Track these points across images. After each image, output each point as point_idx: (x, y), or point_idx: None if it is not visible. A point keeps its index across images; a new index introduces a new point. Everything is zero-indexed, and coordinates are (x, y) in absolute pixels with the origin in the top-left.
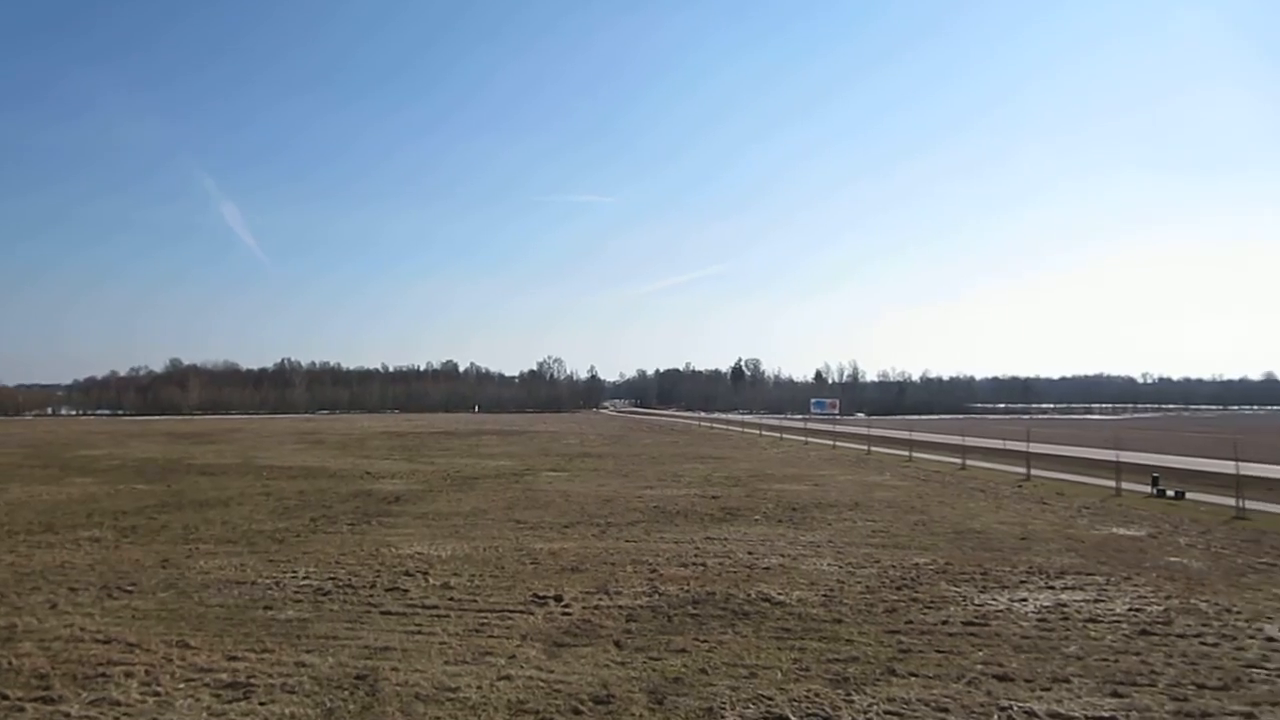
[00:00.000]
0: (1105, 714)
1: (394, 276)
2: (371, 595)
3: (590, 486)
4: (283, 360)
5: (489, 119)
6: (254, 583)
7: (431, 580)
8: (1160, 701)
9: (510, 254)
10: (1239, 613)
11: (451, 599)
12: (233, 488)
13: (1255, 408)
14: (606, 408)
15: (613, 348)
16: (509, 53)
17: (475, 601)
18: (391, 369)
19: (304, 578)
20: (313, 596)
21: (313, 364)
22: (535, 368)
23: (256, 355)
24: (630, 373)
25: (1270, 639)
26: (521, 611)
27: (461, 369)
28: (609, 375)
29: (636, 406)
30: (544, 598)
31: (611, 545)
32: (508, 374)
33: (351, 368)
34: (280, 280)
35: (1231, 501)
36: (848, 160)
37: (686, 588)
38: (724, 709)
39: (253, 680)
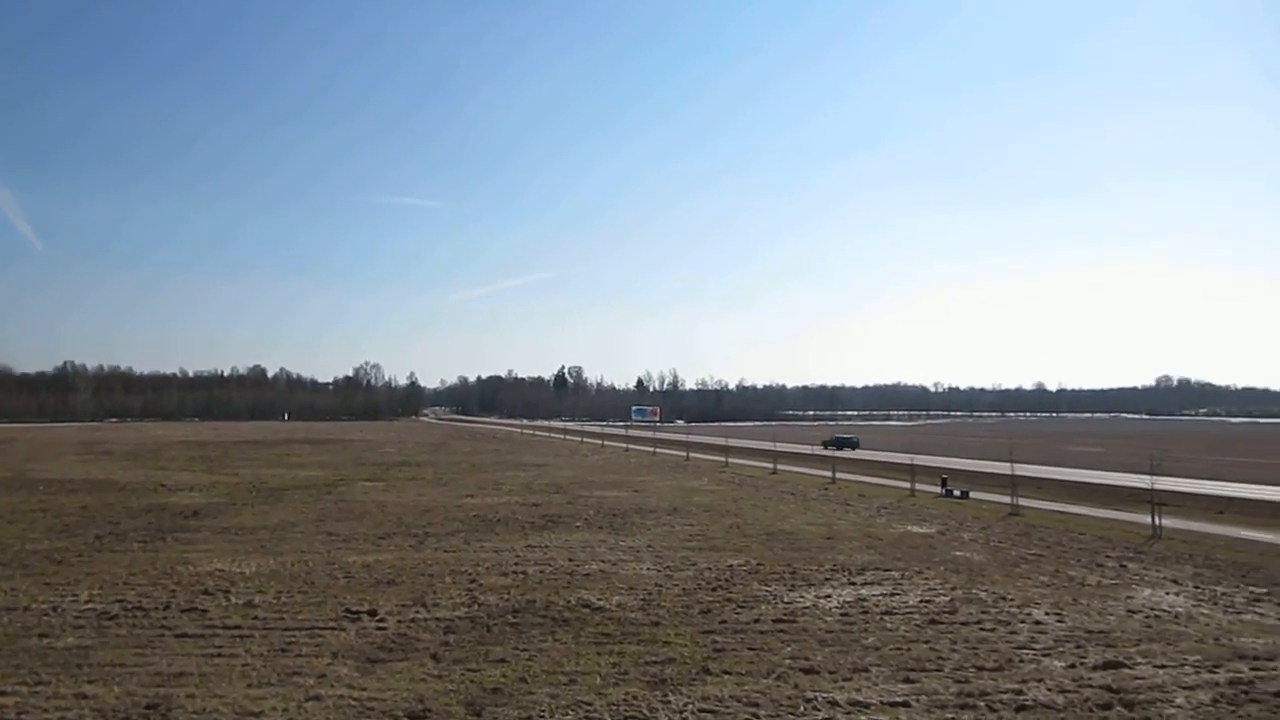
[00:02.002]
0: (899, 699)
1: (196, 276)
2: (165, 617)
3: (408, 496)
4: (65, 364)
5: (296, 110)
6: (26, 608)
7: (233, 599)
8: (946, 684)
9: (325, 255)
10: (1012, 600)
11: (255, 618)
12: (1, 504)
13: (1027, 414)
14: (427, 415)
15: (434, 354)
16: (308, 41)
17: (282, 619)
18: (192, 374)
19: (86, 601)
20: (96, 621)
21: (100, 368)
22: (351, 374)
23: (34, 358)
24: (452, 379)
25: (1038, 622)
26: (332, 628)
27: (270, 374)
28: (430, 382)
29: (458, 414)
30: (357, 613)
31: (430, 556)
32: (321, 380)
33: (146, 373)
34: (64, 277)
35: (1008, 499)
36: (678, 175)
37: (507, 597)
38: (543, 717)
39: (24, 718)
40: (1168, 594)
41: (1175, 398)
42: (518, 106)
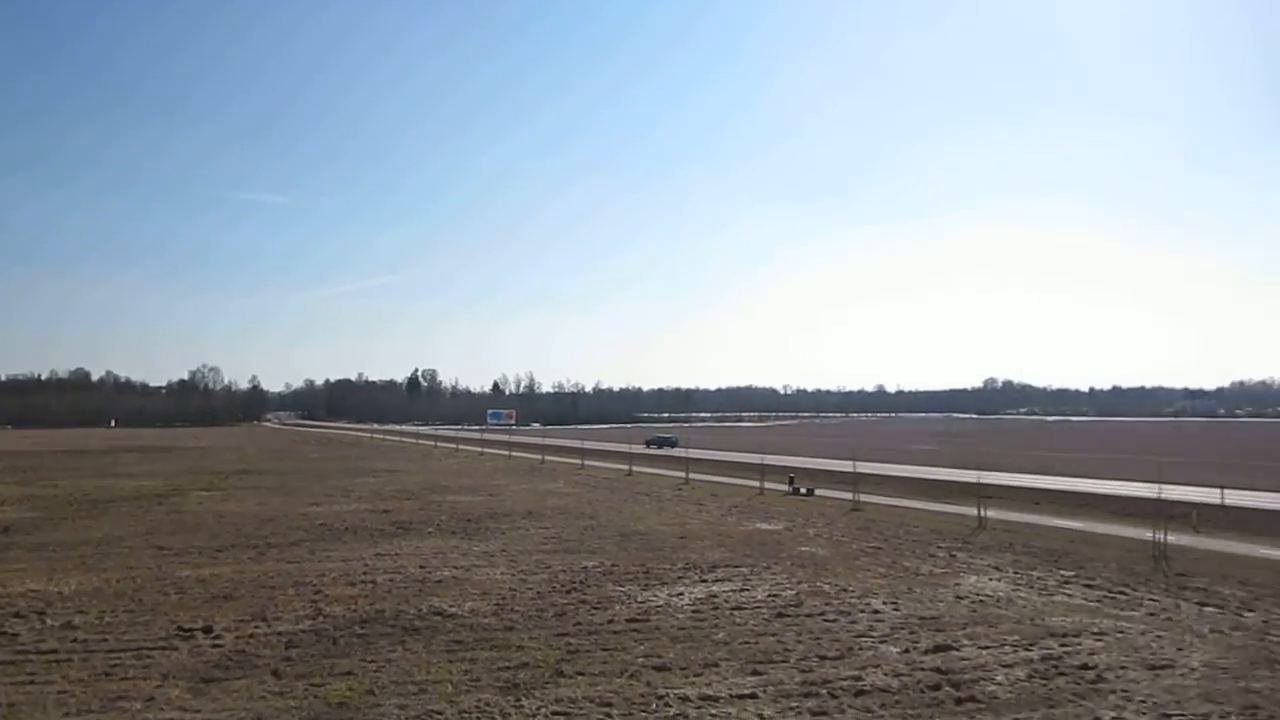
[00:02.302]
0: (747, 691)
1: (12, 273)
2: None
3: (248, 506)
4: None
5: (123, 96)
6: None
7: (49, 620)
8: (791, 675)
9: (161, 249)
10: (853, 591)
11: (75, 640)
12: None
13: (869, 415)
14: (270, 420)
15: (278, 357)
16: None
17: (105, 641)
18: (4, 378)
19: None
20: None
21: None
22: (187, 377)
23: None
24: (298, 383)
25: (876, 611)
26: (162, 648)
27: (95, 378)
28: (273, 386)
29: (304, 419)
30: (190, 630)
31: (271, 568)
32: (153, 384)
33: None
34: None
35: (850, 496)
36: (537, 178)
37: (354, 607)
38: None
39: None
40: (990, 580)
41: (1000, 398)
42: (371, 104)
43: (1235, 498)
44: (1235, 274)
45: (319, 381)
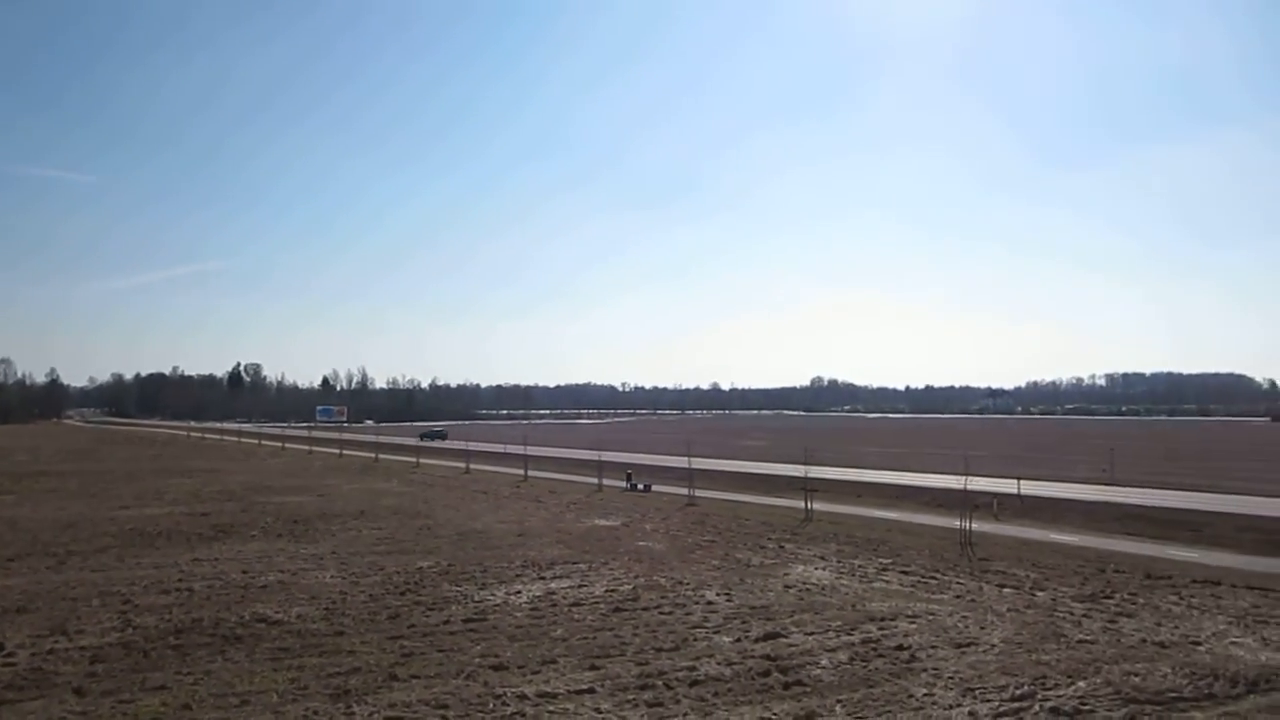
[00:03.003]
0: (585, 687)
1: None
2: None
3: (46, 510)
4: None
5: None
6: None
7: None
8: (628, 668)
9: None
10: (688, 584)
11: None
12: None
13: (704, 412)
14: (73, 417)
15: (80, 349)
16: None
17: None
18: None
19: None
20: None
21: None
22: None
23: None
24: (104, 377)
25: (710, 603)
26: None
27: None
28: (76, 380)
29: (112, 416)
30: None
31: (73, 577)
32: None
33: None
34: None
35: (685, 491)
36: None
37: (168, 617)
38: None
39: None
40: (816, 569)
41: (826, 396)
42: (196, 77)
43: (1030, 488)
44: (1028, 283)
45: (129, 376)
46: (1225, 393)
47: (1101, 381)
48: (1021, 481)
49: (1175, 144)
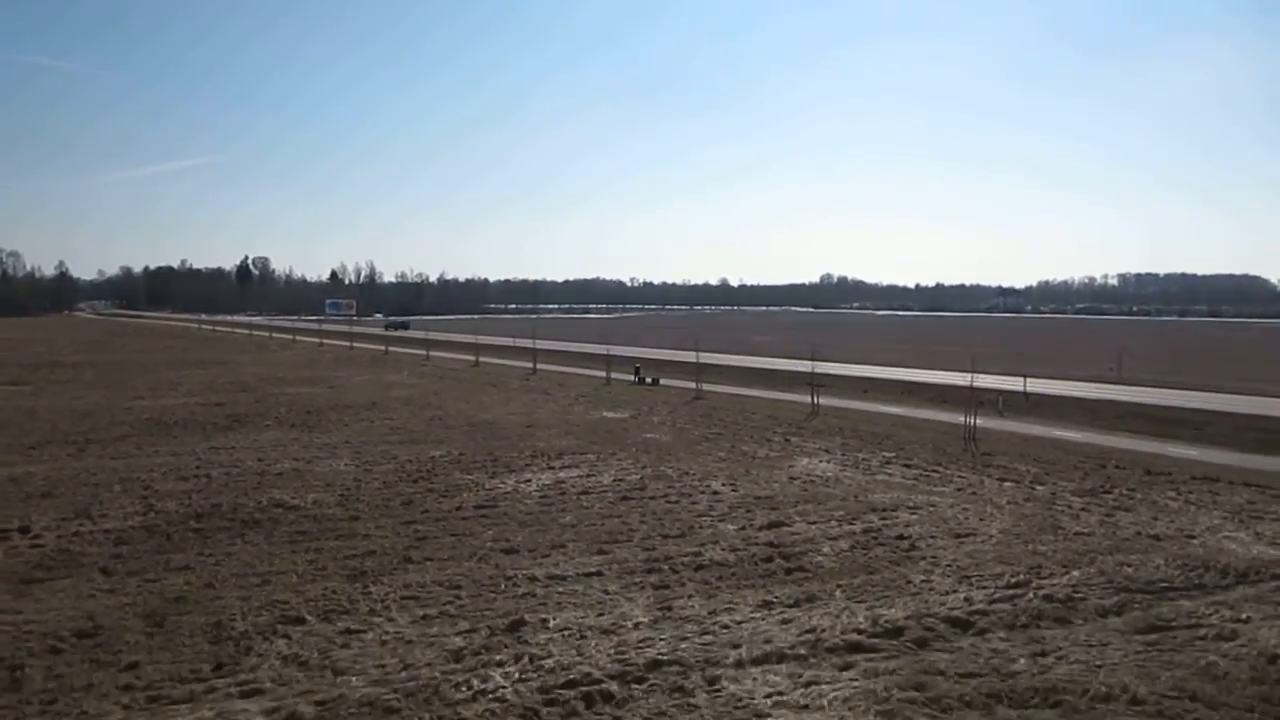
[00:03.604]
0: (593, 570)
1: None
2: None
3: (64, 400)
4: None
5: None
6: None
7: None
8: (635, 553)
9: None
10: (694, 474)
11: None
12: None
13: (713, 308)
14: (84, 310)
15: (91, 242)
16: None
17: None
18: None
19: None
20: None
21: None
22: None
23: None
24: (113, 271)
25: (716, 493)
26: None
27: None
28: (85, 273)
29: (123, 309)
30: (4, 531)
31: (93, 464)
32: None
33: None
34: None
35: (693, 385)
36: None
37: (187, 502)
38: (233, 620)
39: None
40: (821, 462)
41: (835, 293)
42: None
43: (1035, 386)
44: (1044, 184)
45: (137, 269)
46: (1239, 294)
47: (1114, 281)
48: (1027, 379)
49: (1215, 36)
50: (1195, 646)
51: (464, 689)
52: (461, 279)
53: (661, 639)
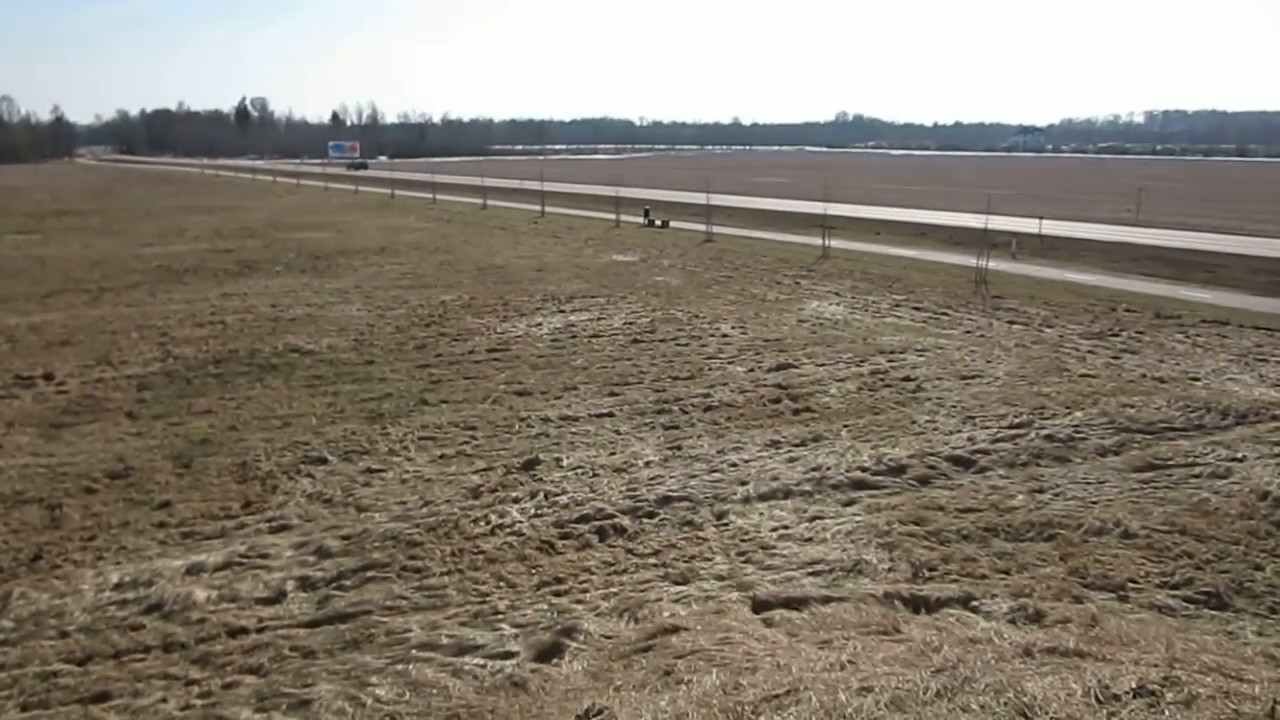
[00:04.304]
0: (605, 411)
1: None
2: None
3: (73, 249)
4: None
5: None
6: None
7: None
8: (646, 394)
9: None
10: (704, 317)
11: None
12: None
13: (723, 147)
14: (84, 156)
15: (84, 83)
16: None
17: None
18: None
19: None
20: None
21: None
22: None
23: None
24: (109, 114)
25: (725, 335)
26: (2, 397)
27: None
28: (81, 117)
29: (123, 154)
30: (29, 378)
31: (109, 312)
32: None
33: None
34: None
35: (703, 227)
36: None
37: (205, 348)
38: (258, 461)
39: None
40: (830, 305)
41: (850, 132)
42: None
43: (1051, 228)
44: (1066, 13)
45: (134, 112)
46: (1270, 133)
47: (1140, 119)
48: (1043, 221)
49: None
50: (1189, 484)
51: (482, 524)
52: (466, 119)
53: (671, 476)
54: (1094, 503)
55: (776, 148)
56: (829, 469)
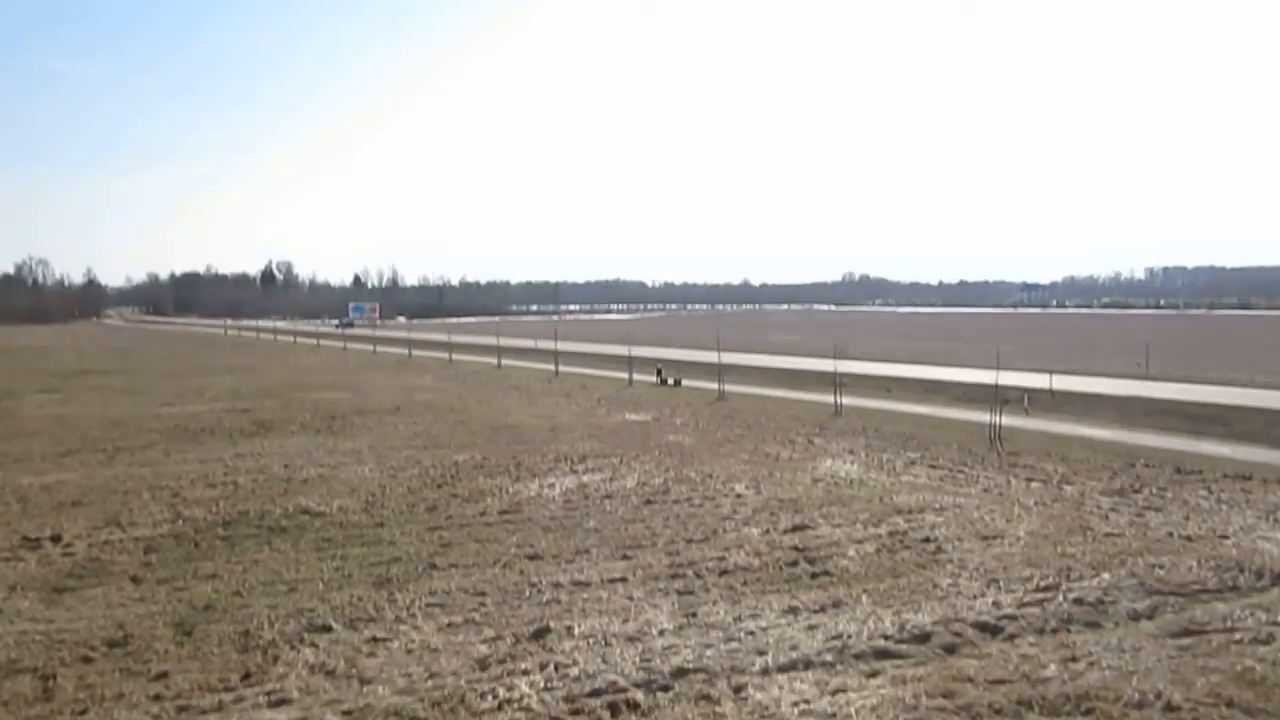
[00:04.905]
0: (618, 575)
1: None
2: None
3: (93, 408)
4: None
5: None
6: None
7: None
8: (659, 558)
9: None
10: (718, 477)
11: None
12: None
13: (734, 307)
14: (112, 316)
15: (117, 247)
16: None
17: None
18: None
19: None
20: None
21: None
22: (12, 270)
23: None
24: (140, 277)
25: (739, 495)
26: (6, 559)
27: None
28: (113, 280)
29: (149, 315)
30: (37, 540)
31: (123, 472)
32: None
33: None
34: None
35: (715, 386)
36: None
37: (215, 509)
38: (261, 629)
39: None
40: (845, 463)
41: (858, 290)
42: None
43: (1061, 383)
44: (1067, 176)
45: (164, 275)
46: (1270, 287)
47: (1140, 275)
48: (1054, 376)
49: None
50: (1230, 651)
51: (489, 698)
52: (483, 281)
53: (686, 646)
54: (1131, 672)
55: (786, 306)
56: (850, 637)
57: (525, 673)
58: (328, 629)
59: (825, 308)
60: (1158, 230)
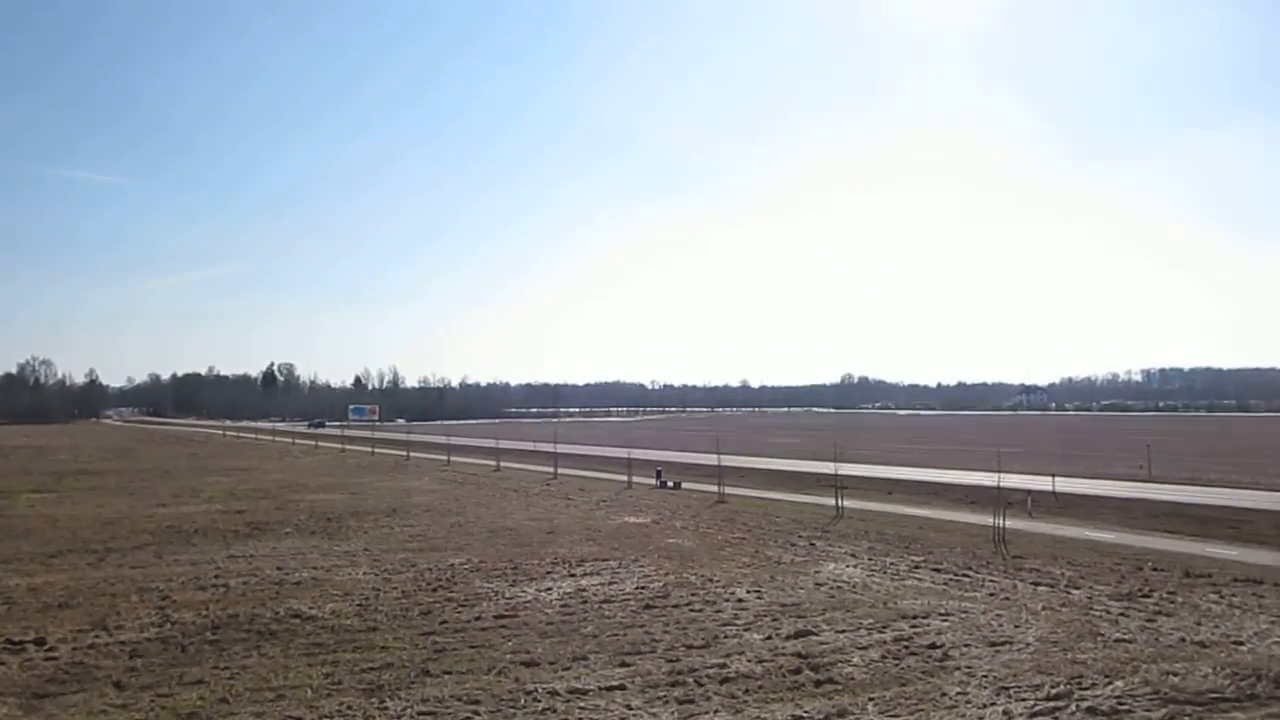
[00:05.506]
0: (616, 683)
1: None
2: None
3: (86, 508)
4: None
5: None
6: None
7: None
8: (659, 665)
9: None
10: (718, 581)
11: None
12: None
13: (733, 409)
14: (111, 417)
15: (120, 350)
16: None
17: None
18: None
19: None
20: None
21: None
22: (15, 371)
23: None
24: (141, 377)
25: (740, 600)
26: None
27: None
28: (114, 380)
29: (149, 415)
30: (20, 643)
31: (112, 574)
32: None
33: None
34: None
35: (715, 488)
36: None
37: (204, 613)
38: None
39: None
40: (848, 567)
41: (857, 393)
42: (214, 79)
43: (1064, 485)
44: (1062, 279)
45: (165, 376)
46: (1267, 388)
47: (1138, 377)
48: (1056, 478)
49: (1217, 131)
50: None
51: None
52: (483, 383)
53: None
54: None
55: (785, 409)
56: None
57: None
58: None
59: (825, 410)
60: (1154, 330)
